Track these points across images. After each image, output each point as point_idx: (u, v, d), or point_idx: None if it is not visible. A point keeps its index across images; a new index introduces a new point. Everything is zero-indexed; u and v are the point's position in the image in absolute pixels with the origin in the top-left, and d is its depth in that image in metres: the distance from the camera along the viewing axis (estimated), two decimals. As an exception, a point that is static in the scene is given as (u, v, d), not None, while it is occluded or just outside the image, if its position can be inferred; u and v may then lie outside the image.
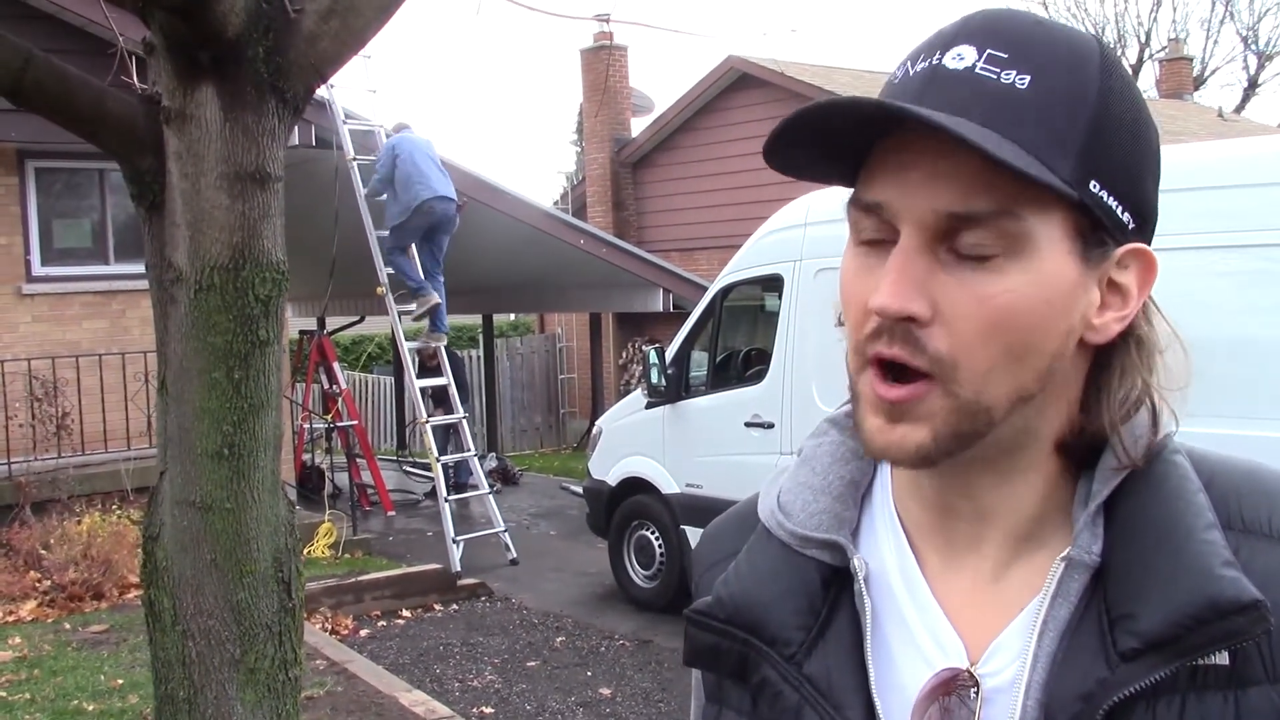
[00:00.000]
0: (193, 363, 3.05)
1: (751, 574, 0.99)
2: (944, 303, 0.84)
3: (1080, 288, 0.86)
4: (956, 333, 0.84)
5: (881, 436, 0.88)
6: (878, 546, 0.97)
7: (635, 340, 17.35)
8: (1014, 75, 0.83)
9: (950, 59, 0.85)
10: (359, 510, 11.73)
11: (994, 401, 0.85)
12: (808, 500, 1.00)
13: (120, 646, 7.21)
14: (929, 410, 0.86)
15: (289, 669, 3.23)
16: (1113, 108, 0.85)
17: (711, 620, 0.99)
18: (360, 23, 3.03)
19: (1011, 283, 0.83)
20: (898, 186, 0.85)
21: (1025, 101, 0.82)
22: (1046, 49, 0.84)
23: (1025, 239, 0.83)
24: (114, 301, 10.67)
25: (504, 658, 7.78)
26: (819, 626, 0.95)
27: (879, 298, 0.85)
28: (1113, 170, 0.85)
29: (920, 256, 0.84)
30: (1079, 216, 0.85)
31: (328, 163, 10.32)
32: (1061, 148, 0.82)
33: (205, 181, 2.95)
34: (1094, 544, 0.88)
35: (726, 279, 8.35)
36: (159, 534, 3.17)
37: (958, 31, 0.87)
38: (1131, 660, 0.83)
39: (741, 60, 16.58)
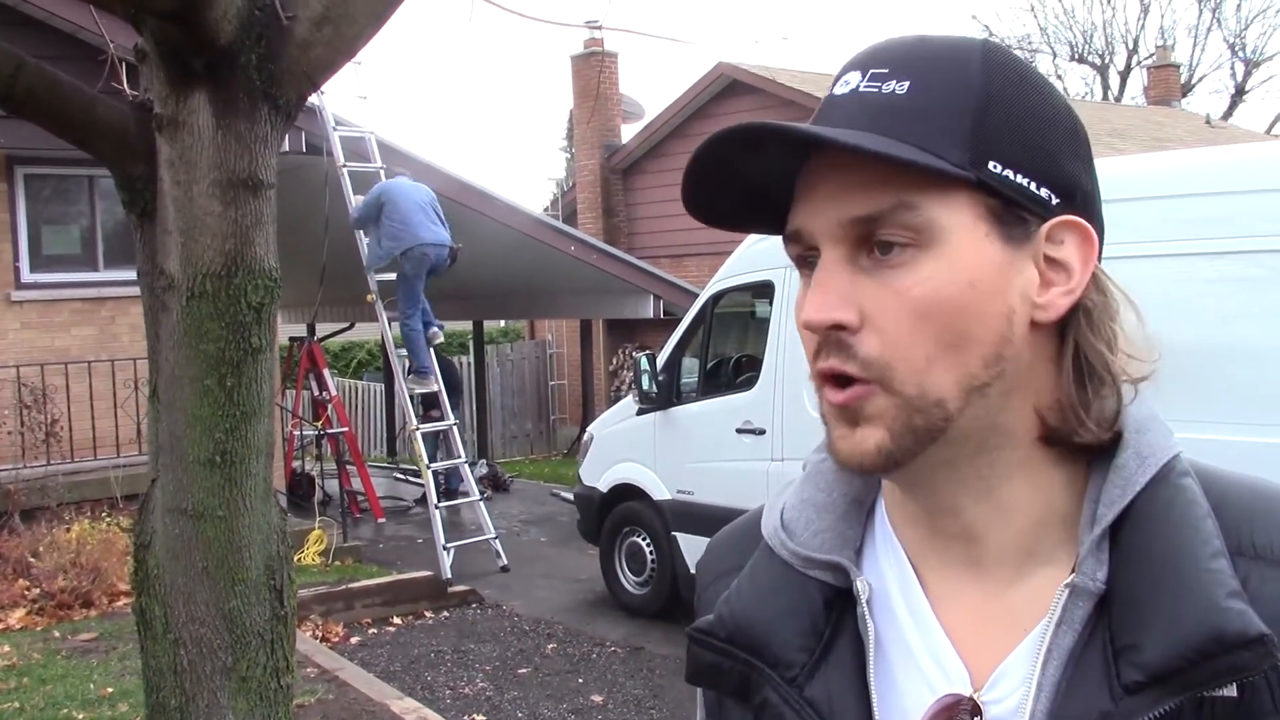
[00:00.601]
0: (184, 370, 3.04)
1: (754, 593, 0.98)
2: (869, 306, 0.86)
3: (1009, 268, 0.86)
4: (883, 332, 0.86)
5: (844, 442, 0.89)
6: (880, 568, 0.96)
7: (626, 346, 17.36)
8: (894, 84, 0.87)
9: (839, 87, 0.90)
10: (349, 517, 11.71)
11: (942, 393, 0.86)
12: (811, 518, 0.98)
13: (110, 655, 7.18)
14: (877, 410, 0.87)
15: (281, 677, 3.22)
16: (1001, 93, 0.87)
17: (713, 639, 0.98)
18: (353, 30, 3.03)
19: (926, 272, 0.85)
20: (808, 209, 0.89)
21: (905, 104, 0.86)
22: (924, 57, 0.88)
23: (931, 228, 0.85)
24: (103, 308, 10.64)
25: (495, 665, 7.77)
26: (821, 649, 0.94)
27: (805, 312, 0.88)
28: (1013, 149, 0.86)
29: (840, 268, 0.87)
30: (986, 198, 0.86)
31: (318, 169, 10.31)
32: (947, 136, 0.85)
33: (197, 188, 2.95)
34: (1099, 570, 0.86)
35: (717, 285, 8.35)
36: (150, 541, 3.16)
37: (846, 65, 0.92)
38: (1135, 693, 0.82)
39: (731, 67, 16.61)
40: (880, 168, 0.84)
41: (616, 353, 17.94)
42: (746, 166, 0.90)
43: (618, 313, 15.63)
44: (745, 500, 7.70)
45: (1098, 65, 33.04)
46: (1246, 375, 5.01)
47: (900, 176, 0.84)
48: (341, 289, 11.89)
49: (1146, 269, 5.27)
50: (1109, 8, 36.86)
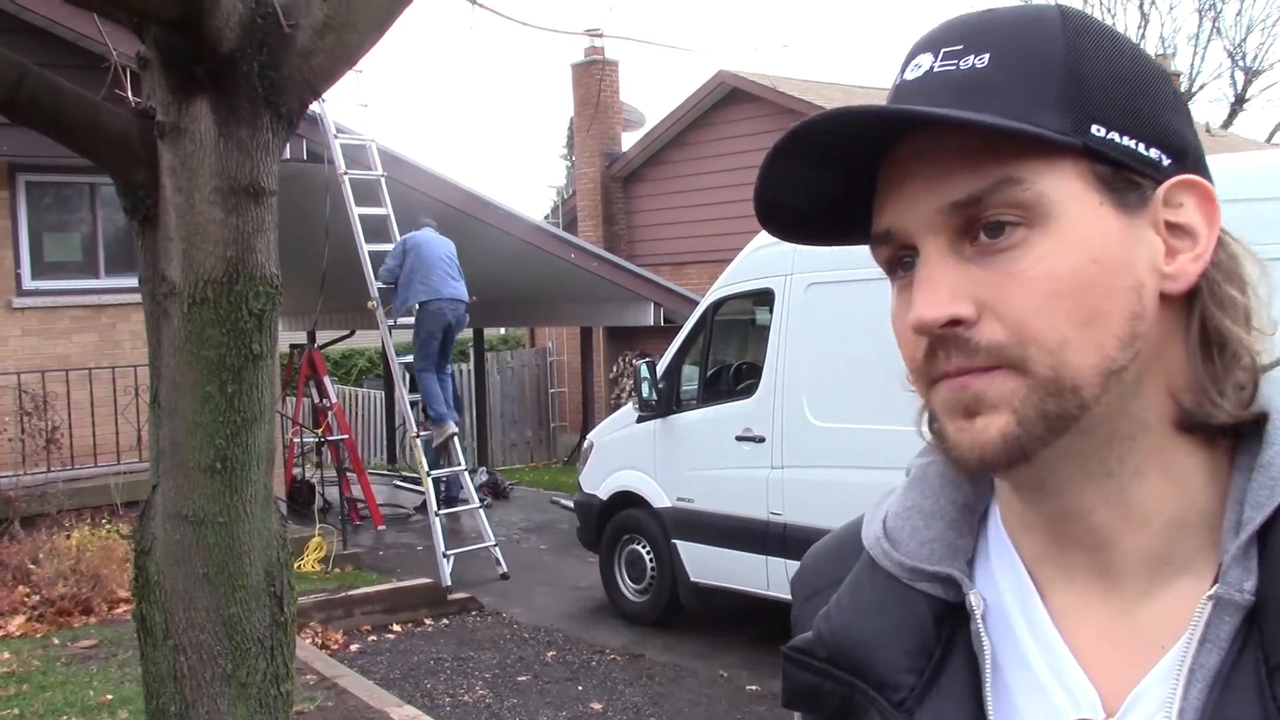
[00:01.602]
0: (185, 376, 3.05)
1: (855, 608, 0.91)
2: (984, 295, 0.78)
3: (1129, 237, 0.79)
4: (1007, 318, 0.78)
5: (963, 435, 0.80)
6: (995, 580, 0.88)
7: (626, 354, 17.37)
8: (972, 59, 0.81)
9: (909, 71, 0.84)
10: (349, 524, 11.70)
11: (1079, 378, 0.77)
12: (918, 527, 0.90)
13: (109, 662, 7.18)
14: (1005, 392, 0.78)
15: (281, 683, 3.22)
16: (1089, 54, 0.81)
17: (811, 659, 0.91)
18: (355, 38, 3.04)
19: (1043, 249, 0.78)
20: (898, 204, 0.82)
21: (989, 77, 0.80)
22: (999, 28, 0.82)
23: (1040, 204, 0.78)
24: (104, 315, 10.65)
25: (495, 672, 7.76)
26: (932, 669, 0.86)
27: (914, 312, 0.80)
28: (1114, 111, 0.80)
29: (945, 260, 0.80)
30: (1094, 165, 0.79)
31: (319, 177, 10.33)
32: (1042, 104, 0.79)
33: (199, 195, 2.96)
34: (1246, 579, 0.77)
35: (717, 293, 8.37)
36: (151, 548, 3.16)
37: (913, 49, 0.86)
38: None
39: (732, 75, 16.64)
40: (976, 145, 0.78)
41: (617, 360, 17.95)
42: (818, 170, 0.85)
43: (618, 320, 15.64)
44: (745, 508, 7.72)
45: (1098, 74, 33.05)
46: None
47: (999, 152, 0.78)
48: (342, 296, 11.90)
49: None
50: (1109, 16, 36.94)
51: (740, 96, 16.79)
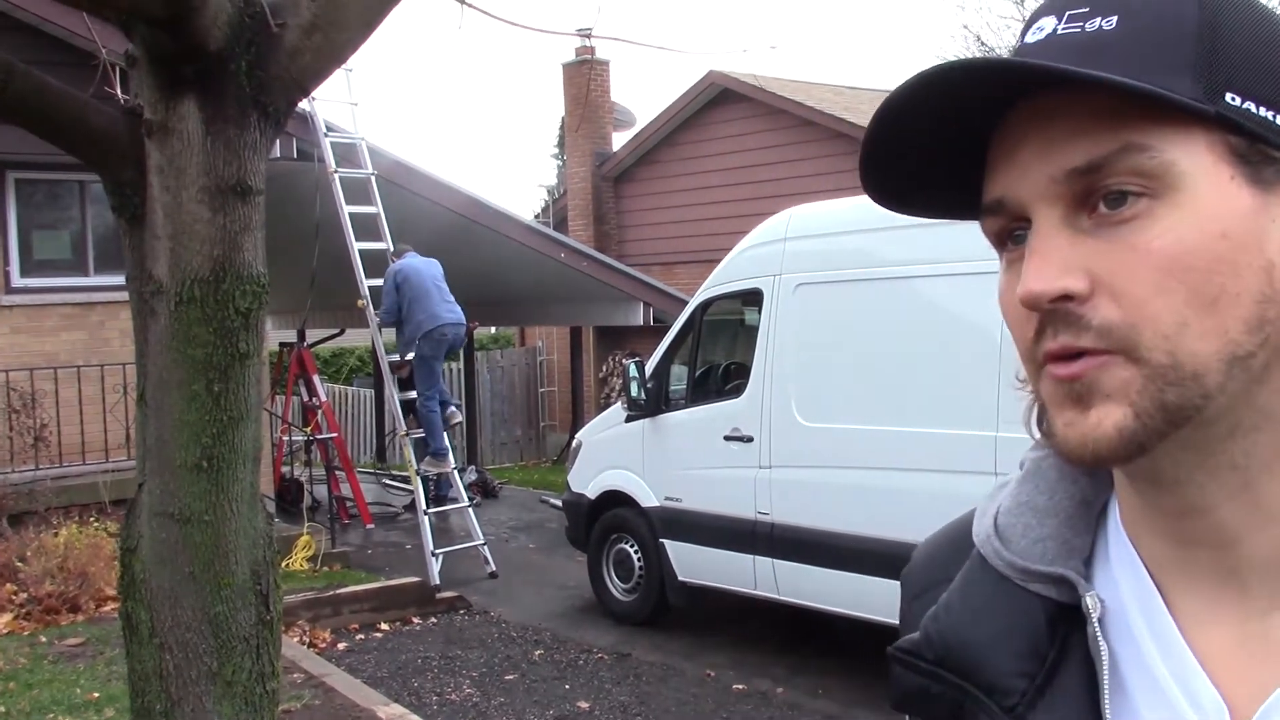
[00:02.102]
0: (172, 375, 3.05)
1: (965, 609, 0.87)
2: (1100, 269, 0.73)
3: (1262, 215, 0.73)
4: (1122, 295, 0.72)
5: (1073, 429, 0.75)
6: (1114, 581, 0.83)
7: (615, 354, 17.38)
8: (1099, 21, 0.75)
9: (1031, 34, 0.78)
10: (338, 523, 11.70)
11: (1199, 364, 0.72)
12: (1030, 524, 0.86)
13: (96, 660, 7.17)
14: (1119, 382, 0.73)
15: (266, 682, 3.23)
16: (1226, 17, 0.75)
17: (919, 660, 0.88)
18: (343, 37, 3.05)
19: (1169, 222, 0.72)
20: (1011, 172, 0.77)
21: (1117, 37, 0.74)
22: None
23: (1168, 174, 0.72)
24: (93, 313, 10.63)
25: (482, 671, 7.77)
26: (1045, 674, 0.82)
27: (1022, 285, 0.75)
28: (1251, 78, 0.74)
29: (1059, 232, 0.75)
30: (1227, 136, 0.73)
31: (309, 175, 10.32)
32: (1175, 67, 0.73)
33: (186, 194, 2.96)
34: None
35: (706, 293, 8.38)
36: (137, 546, 3.17)
37: (1038, 11, 0.80)
38: None
39: (723, 75, 16.65)
40: (1099, 109, 0.73)
41: (606, 360, 17.96)
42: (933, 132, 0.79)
43: (608, 320, 15.65)
44: (733, 507, 7.74)
45: (1088, 76, 33.16)
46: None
47: (1124, 117, 0.73)
48: (332, 295, 11.88)
49: None
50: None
51: (731, 97, 16.82)
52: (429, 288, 10.76)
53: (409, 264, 10.82)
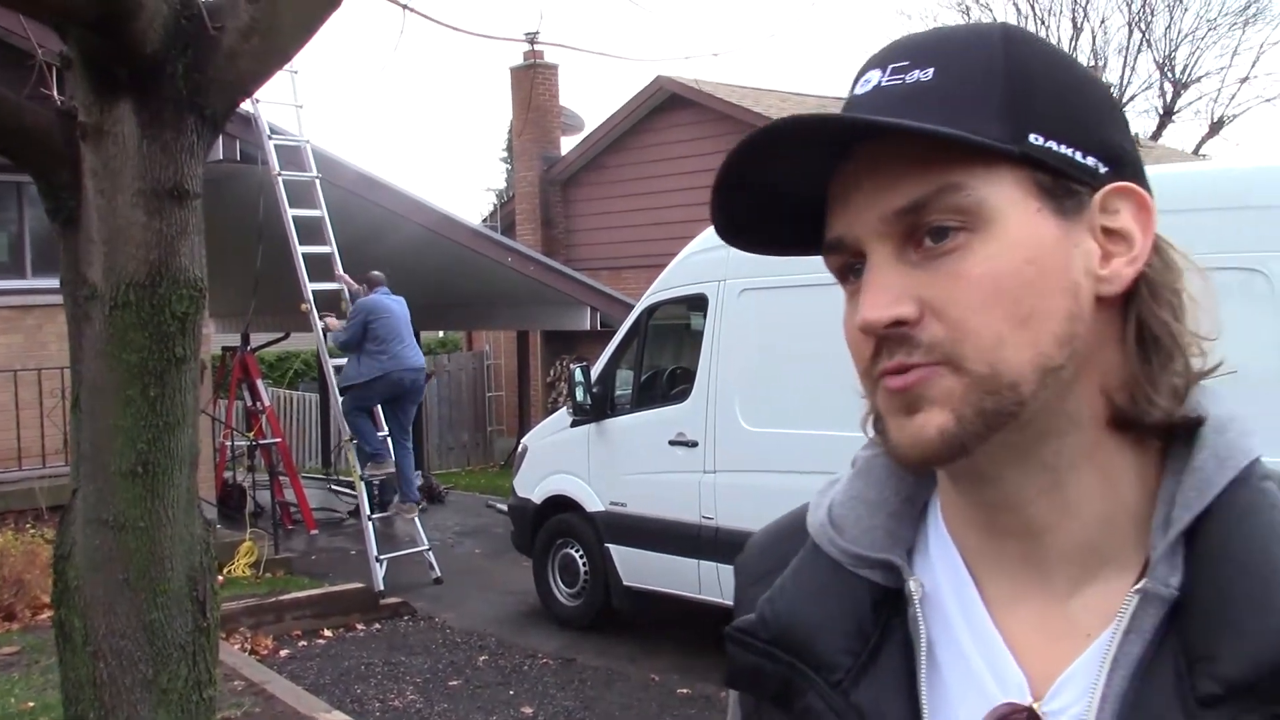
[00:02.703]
0: (107, 380, 3.02)
1: (798, 592, 0.94)
2: (928, 296, 0.82)
3: (1066, 241, 0.83)
4: (947, 317, 0.81)
5: (904, 432, 0.84)
6: (933, 570, 0.92)
7: (563, 358, 17.34)
8: (917, 73, 0.84)
9: (860, 86, 0.87)
10: (281, 529, 11.59)
11: (1016, 374, 0.81)
12: (862, 515, 0.94)
13: (31, 668, 7.06)
14: (944, 390, 0.81)
15: (203, 689, 3.19)
16: (1030, 67, 0.84)
17: (754, 640, 0.95)
18: (282, 40, 3.03)
19: (984, 253, 0.81)
20: (846, 213, 0.86)
21: (933, 88, 0.83)
22: (944, 45, 0.86)
23: (981, 210, 0.81)
24: (30, 316, 10.47)
25: (426, 677, 7.73)
26: (869, 652, 0.90)
27: (860, 314, 0.83)
28: (1052, 121, 0.83)
29: (891, 266, 0.83)
30: (1033, 172, 0.82)
31: (253, 178, 10.23)
32: (983, 113, 0.82)
33: (122, 198, 2.93)
34: (1172, 576, 0.81)
35: (652, 298, 8.40)
36: (70, 553, 3.12)
37: (864, 65, 0.89)
38: (1211, 706, 0.77)
39: (670, 80, 16.69)
40: (919, 154, 0.81)
41: (553, 364, 17.93)
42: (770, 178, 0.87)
43: (555, 324, 15.64)
44: (678, 512, 7.75)
45: (1031, 85, 33.52)
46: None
47: (942, 160, 0.81)
48: (276, 298, 11.78)
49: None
50: (1043, 27, 37.43)
51: (679, 102, 16.86)
52: (400, 330, 10.64)
53: (382, 302, 10.66)
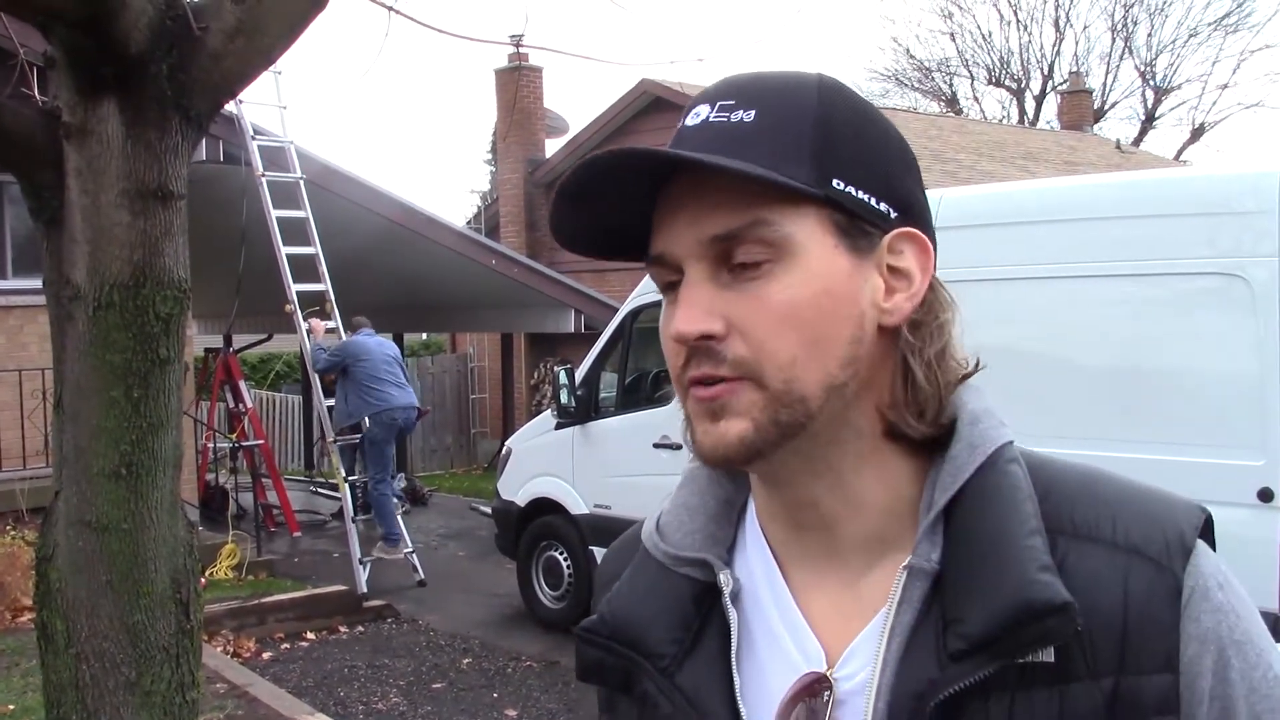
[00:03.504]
0: (90, 381, 3.00)
1: (631, 593, 1.06)
2: (734, 315, 0.92)
3: (857, 276, 0.94)
4: (749, 336, 0.92)
5: (707, 437, 0.95)
6: (749, 563, 1.03)
7: (547, 361, 17.33)
8: (740, 113, 0.94)
9: (690, 119, 0.98)
10: (264, 531, 11.56)
11: (806, 390, 0.92)
12: (684, 520, 1.06)
13: (12, 671, 7.03)
14: (745, 404, 0.93)
15: (186, 691, 3.18)
16: (838, 120, 0.95)
17: (596, 636, 1.06)
18: (266, 41, 3.02)
19: (787, 281, 0.92)
20: (669, 233, 0.95)
21: (753, 130, 0.93)
22: (766, 89, 0.96)
23: (787, 242, 0.92)
24: (10, 317, 10.41)
25: (409, 680, 7.72)
26: (691, 639, 1.01)
27: (674, 325, 0.94)
28: (853, 169, 0.94)
29: (704, 284, 0.93)
30: (833, 213, 0.93)
31: (236, 178, 10.20)
32: (794, 158, 0.92)
33: (106, 198, 2.92)
34: (933, 551, 0.94)
35: (636, 301, 8.40)
36: (53, 555, 3.11)
37: (695, 99, 0.99)
38: (959, 660, 0.90)
39: (654, 84, 16.71)
40: (737, 188, 0.91)
41: (538, 367, 17.91)
42: (610, 195, 0.96)
43: (539, 327, 15.63)
44: (662, 515, 7.74)
45: (1014, 89, 33.71)
46: (1152, 396, 5.15)
47: (756, 196, 0.91)
48: (259, 300, 11.74)
49: (1055, 290, 5.41)
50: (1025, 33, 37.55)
51: (663, 105, 16.86)
52: (380, 369, 10.55)
53: (362, 342, 10.64)
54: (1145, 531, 0.93)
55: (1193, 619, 0.91)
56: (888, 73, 34.26)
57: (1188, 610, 0.91)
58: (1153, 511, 0.95)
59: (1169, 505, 0.96)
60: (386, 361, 10.68)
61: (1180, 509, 0.96)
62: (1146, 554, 0.92)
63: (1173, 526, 0.94)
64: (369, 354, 10.59)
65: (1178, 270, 5.13)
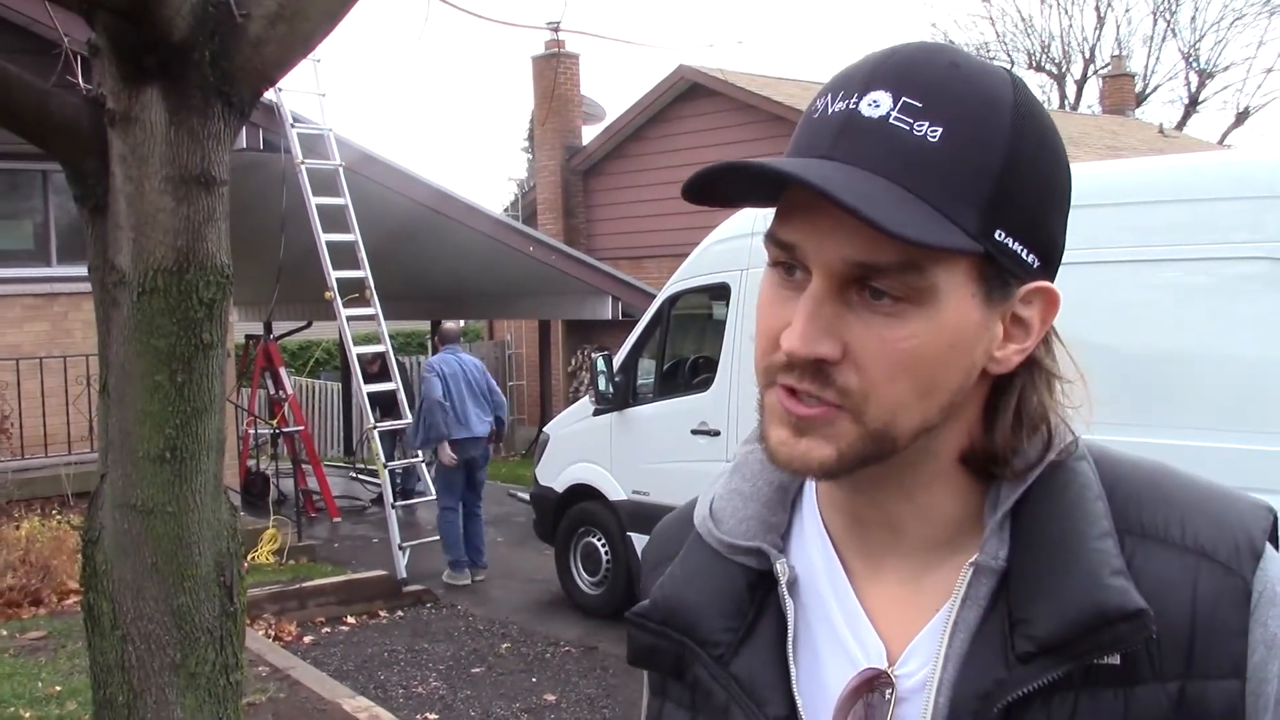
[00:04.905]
0: (135, 366, 3.03)
1: (685, 578, 1.04)
2: (853, 344, 0.88)
3: (983, 327, 0.90)
4: (864, 371, 0.88)
5: (786, 449, 0.91)
6: (806, 551, 1.01)
7: (584, 347, 17.35)
8: (926, 127, 0.85)
9: (866, 105, 0.87)
10: (304, 516, 11.65)
11: (900, 432, 0.90)
12: (737, 507, 1.04)
13: (58, 653, 7.12)
14: (837, 432, 0.89)
15: (230, 674, 3.22)
16: (1023, 154, 0.88)
17: (649, 622, 1.04)
18: (307, 28, 3.03)
19: (916, 328, 0.87)
20: (808, 231, 0.88)
21: (935, 157, 0.85)
22: (960, 97, 0.86)
23: (930, 290, 0.87)
24: (56, 304, 10.53)
25: (449, 664, 7.76)
26: (746, 628, 0.99)
27: (789, 340, 0.88)
28: (1019, 218, 0.88)
29: (830, 300, 0.88)
30: (983, 263, 0.88)
31: (275, 166, 10.26)
32: (968, 201, 0.85)
33: (149, 184, 2.95)
34: (1000, 550, 0.92)
35: (674, 287, 8.39)
36: (99, 538, 3.15)
37: (874, 73, 0.88)
38: (1027, 662, 0.88)
39: (692, 70, 16.66)
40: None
41: (575, 354, 17.94)
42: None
43: (576, 314, 15.65)
44: (700, 501, 7.74)
45: (1055, 74, 33.36)
46: (1194, 381, 5.10)
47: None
48: (299, 287, 11.82)
49: (1097, 275, 5.36)
50: (1066, 17, 37.16)
51: (700, 91, 16.83)
52: (467, 396, 10.08)
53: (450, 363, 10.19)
54: (1214, 534, 0.91)
55: (1260, 624, 0.89)
56: (927, 57, 33.76)
57: (1255, 615, 0.89)
58: (1222, 513, 0.93)
59: (1237, 507, 0.94)
60: (475, 387, 10.20)
61: (1249, 511, 0.94)
62: (1216, 558, 0.90)
63: (1242, 530, 0.92)
64: (454, 376, 10.09)
65: (1221, 255, 5.07)
